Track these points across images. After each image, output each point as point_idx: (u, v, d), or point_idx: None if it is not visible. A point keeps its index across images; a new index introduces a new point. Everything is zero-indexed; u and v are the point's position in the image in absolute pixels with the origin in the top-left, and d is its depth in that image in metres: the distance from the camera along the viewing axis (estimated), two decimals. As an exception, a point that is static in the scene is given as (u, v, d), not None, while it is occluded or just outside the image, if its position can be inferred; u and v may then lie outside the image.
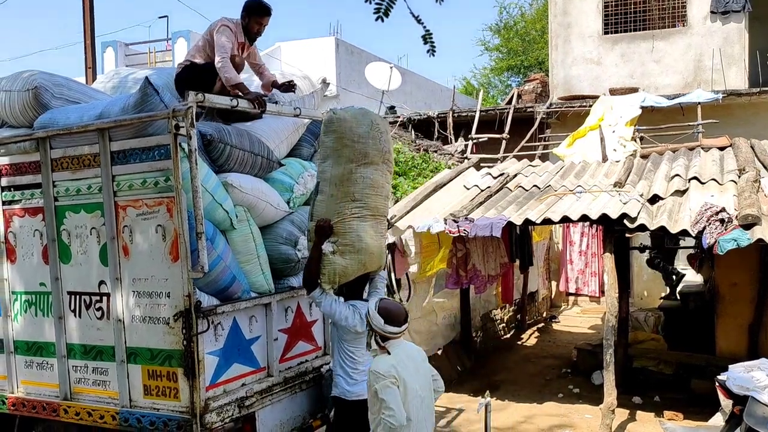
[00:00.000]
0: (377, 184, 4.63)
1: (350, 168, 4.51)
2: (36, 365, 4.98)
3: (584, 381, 8.65)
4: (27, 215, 4.95)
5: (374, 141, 4.57)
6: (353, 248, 4.54)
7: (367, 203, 4.60)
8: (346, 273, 4.59)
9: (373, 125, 4.61)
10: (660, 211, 6.76)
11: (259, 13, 5.20)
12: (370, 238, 4.61)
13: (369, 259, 4.65)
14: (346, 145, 4.52)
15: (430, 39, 2.91)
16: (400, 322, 4.07)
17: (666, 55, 13.70)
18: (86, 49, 11.11)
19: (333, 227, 4.52)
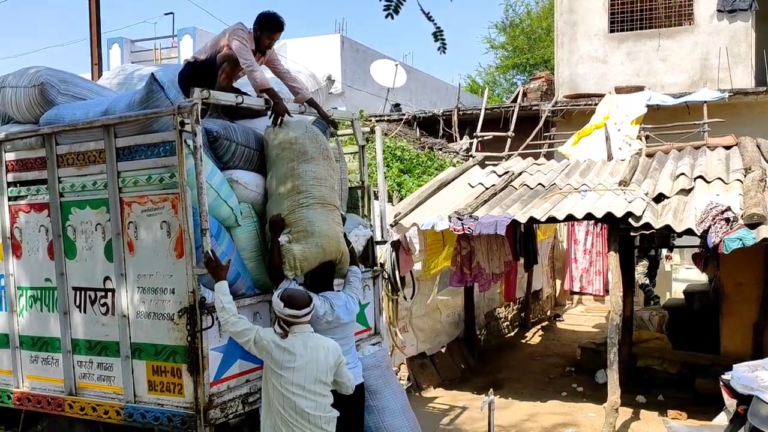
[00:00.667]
0: (320, 176, 4.93)
1: (292, 166, 4.80)
2: (41, 360, 4.99)
3: (588, 380, 8.64)
4: (33, 211, 4.96)
5: (311, 140, 4.94)
6: (306, 233, 4.72)
7: (312, 193, 4.83)
8: (306, 257, 4.71)
9: (308, 128, 5.03)
10: (665, 209, 6.75)
11: (271, 28, 5.19)
12: (321, 223, 4.82)
13: (325, 242, 4.81)
14: (285, 148, 4.85)
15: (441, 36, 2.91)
16: (299, 305, 4.17)
17: (672, 54, 13.66)
18: (92, 46, 11.14)
19: (285, 220, 4.72)
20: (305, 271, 4.77)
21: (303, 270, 4.74)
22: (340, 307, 4.79)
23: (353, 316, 5.00)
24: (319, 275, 4.88)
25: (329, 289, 4.91)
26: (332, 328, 4.73)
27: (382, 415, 5.24)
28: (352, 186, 6.00)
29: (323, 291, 4.83)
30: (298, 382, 4.09)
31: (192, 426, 4.28)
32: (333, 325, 4.73)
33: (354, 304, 4.99)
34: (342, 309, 4.80)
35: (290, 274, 4.67)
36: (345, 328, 4.86)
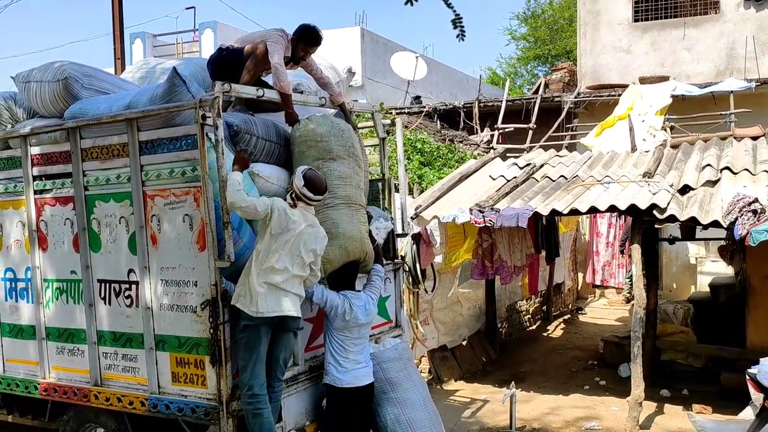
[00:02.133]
0: (345, 175, 4.92)
1: (317, 165, 4.79)
2: (67, 351, 5.08)
3: (611, 373, 8.57)
4: (58, 204, 5.03)
5: (336, 138, 4.93)
6: (331, 234, 4.71)
7: (337, 193, 4.84)
8: (328, 259, 4.73)
9: (334, 125, 5.01)
10: (690, 201, 6.64)
11: (309, 42, 5.22)
12: (345, 224, 4.82)
13: (349, 243, 4.82)
14: (311, 146, 4.85)
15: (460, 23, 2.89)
16: (316, 191, 4.40)
17: (698, 43, 13.41)
18: (115, 41, 11.24)
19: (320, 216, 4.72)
20: (327, 272, 4.79)
21: (325, 271, 4.75)
22: (359, 307, 4.84)
23: (371, 317, 5.03)
24: (341, 274, 4.92)
25: (351, 288, 4.94)
26: (349, 327, 4.80)
27: (403, 408, 5.25)
28: (373, 179, 6.00)
29: (344, 290, 4.88)
30: (285, 247, 4.28)
31: (215, 417, 4.33)
32: (350, 325, 4.80)
33: (373, 305, 5.02)
34: (361, 310, 4.85)
35: None
36: (361, 328, 4.91)
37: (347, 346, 4.83)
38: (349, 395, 4.81)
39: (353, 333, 4.85)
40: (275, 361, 4.45)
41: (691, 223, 6.56)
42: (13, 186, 5.27)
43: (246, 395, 4.27)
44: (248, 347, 4.29)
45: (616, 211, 7.06)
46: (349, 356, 4.83)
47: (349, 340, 4.84)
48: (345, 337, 4.82)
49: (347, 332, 4.82)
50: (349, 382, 4.80)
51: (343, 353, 4.82)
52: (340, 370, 4.80)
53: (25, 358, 5.32)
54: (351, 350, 4.84)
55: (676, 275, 12.60)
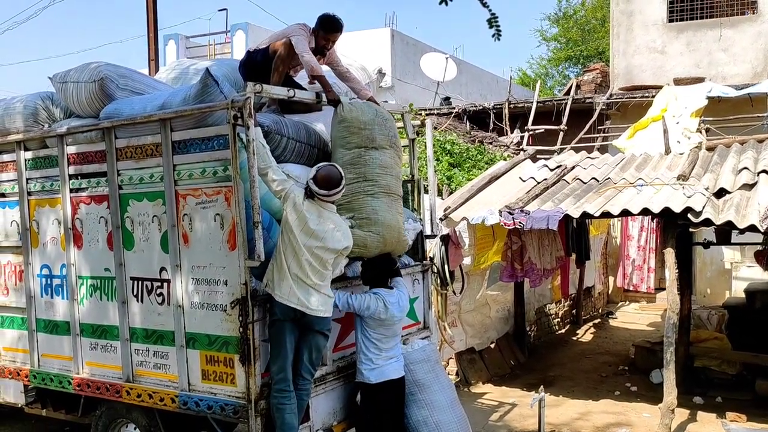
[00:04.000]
0: (386, 165, 4.93)
1: (359, 152, 4.79)
2: (100, 348, 5.16)
3: (642, 379, 8.43)
4: (93, 203, 5.12)
5: (380, 127, 4.94)
6: (370, 221, 4.74)
7: (378, 182, 4.85)
8: (366, 245, 4.73)
9: (378, 113, 5.02)
10: (726, 205, 6.50)
11: (328, 29, 5.25)
12: (385, 212, 4.83)
13: (388, 232, 4.83)
14: (354, 132, 4.83)
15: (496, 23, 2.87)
16: (329, 187, 4.35)
17: (734, 44, 13.13)
18: (149, 42, 11.44)
19: (347, 205, 4.72)
20: (363, 256, 4.77)
21: (361, 255, 4.75)
22: (393, 304, 4.88)
23: (404, 313, 5.08)
24: (377, 270, 4.96)
25: (384, 286, 4.95)
26: (385, 324, 4.83)
27: (430, 410, 5.24)
28: (403, 179, 5.98)
29: (379, 287, 4.90)
30: (298, 249, 4.31)
31: (243, 415, 4.36)
32: (386, 323, 4.84)
33: (406, 300, 5.07)
34: (395, 306, 4.90)
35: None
36: (395, 325, 4.96)
37: (381, 344, 4.87)
38: (382, 390, 4.86)
39: (388, 331, 4.89)
40: (300, 359, 4.49)
41: (727, 227, 6.41)
42: (49, 184, 5.38)
43: (273, 389, 4.37)
44: (276, 342, 4.37)
45: (649, 215, 6.94)
46: (382, 353, 4.88)
47: (385, 337, 4.88)
48: (380, 335, 4.86)
49: (382, 330, 4.86)
50: (381, 377, 4.87)
51: (377, 351, 4.86)
52: (372, 366, 4.86)
53: (59, 354, 5.42)
54: (384, 347, 4.89)
55: (710, 280, 12.34)
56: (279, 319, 4.36)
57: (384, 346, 4.88)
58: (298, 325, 4.41)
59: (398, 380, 4.98)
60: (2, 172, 5.74)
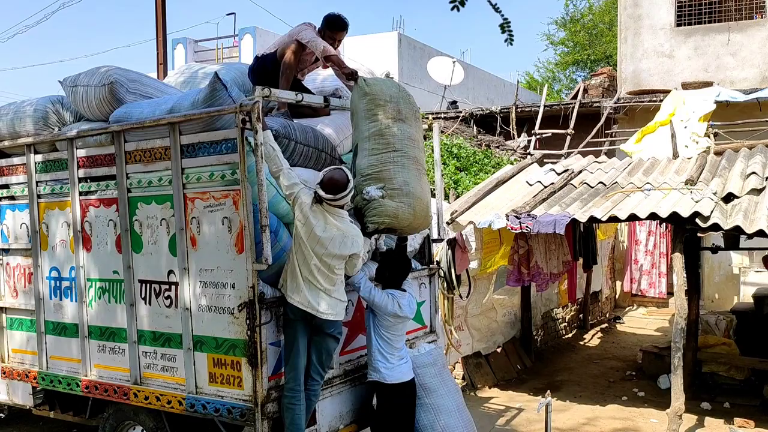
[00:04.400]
0: (414, 138, 4.93)
1: (387, 123, 4.77)
2: (108, 350, 5.18)
3: (650, 384, 8.40)
4: (102, 206, 5.14)
5: (404, 101, 4.95)
6: (401, 192, 4.69)
7: (408, 153, 4.83)
8: (396, 215, 4.68)
9: (400, 88, 5.05)
10: (735, 210, 6.48)
11: (334, 28, 5.32)
12: (416, 185, 4.80)
13: (418, 205, 4.78)
14: (380, 104, 4.81)
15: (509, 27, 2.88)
16: (334, 191, 4.32)
17: (742, 48, 13.10)
18: (158, 46, 11.50)
19: (378, 174, 4.68)
20: (390, 226, 4.70)
21: (386, 225, 4.68)
22: (405, 305, 4.97)
23: (413, 315, 5.16)
24: (395, 271, 5.01)
25: (398, 287, 5.02)
26: (397, 323, 4.93)
27: (437, 414, 5.24)
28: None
29: (391, 288, 4.97)
30: (308, 254, 4.35)
31: (250, 419, 4.37)
32: (398, 321, 4.93)
33: (414, 303, 5.15)
34: (407, 308, 5.00)
35: (372, 228, 4.67)
36: (405, 324, 5.06)
37: (394, 343, 4.94)
38: (397, 391, 4.94)
39: (399, 330, 4.98)
40: (310, 360, 4.52)
41: (735, 232, 6.38)
42: (59, 187, 5.41)
43: (285, 388, 4.41)
44: (288, 342, 4.42)
45: (657, 219, 6.92)
46: (395, 353, 4.95)
47: (396, 336, 4.96)
48: (392, 334, 4.93)
49: (393, 330, 4.94)
50: (397, 377, 4.93)
51: (390, 350, 4.93)
52: (388, 366, 4.91)
53: (67, 356, 5.45)
54: (396, 346, 4.96)
55: (718, 285, 12.29)
56: (291, 318, 4.41)
57: (395, 345, 4.96)
58: (309, 327, 4.45)
59: (410, 382, 5.05)
60: (12, 175, 5.78)
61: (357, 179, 4.69)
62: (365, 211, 4.68)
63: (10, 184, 5.83)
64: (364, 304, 5.09)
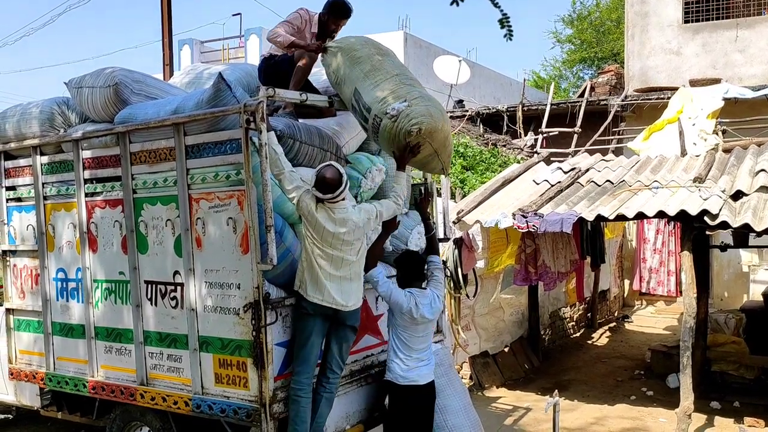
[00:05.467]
0: (403, 65, 4.97)
1: (376, 59, 4.82)
2: (115, 351, 5.19)
3: (658, 384, 8.36)
4: (108, 207, 5.15)
5: (374, 43, 5.00)
6: (423, 98, 4.67)
7: (407, 75, 4.87)
8: (430, 113, 4.57)
9: (366, 37, 5.06)
10: (744, 207, 6.42)
11: (337, 15, 5.32)
12: (428, 94, 4.80)
13: (441, 108, 4.80)
14: (357, 49, 4.90)
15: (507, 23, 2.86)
16: (326, 190, 4.29)
17: (751, 45, 13.00)
18: (164, 48, 11.52)
19: (393, 93, 4.65)
20: (425, 132, 4.56)
21: (425, 126, 4.54)
22: (425, 306, 4.84)
23: (437, 315, 5.01)
24: (411, 269, 4.94)
25: (417, 285, 4.92)
26: (416, 324, 4.81)
27: (444, 414, 5.22)
28: (415, 183, 5.97)
29: (411, 286, 4.87)
30: (319, 248, 4.36)
31: (257, 419, 4.36)
32: (418, 322, 4.81)
33: (439, 301, 5.00)
34: (427, 308, 4.85)
35: (415, 128, 4.50)
36: (427, 326, 4.92)
37: (411, 344, 4.83)
38: (411, 393, 4.82)
39: (418, 331, 4.85)
40: (331, 353, 4.54)
41: (744, 230, 6.34)
42: (65, 189, 5.42)
43: (292, 380, 4.40)
44: (302, 336, 4.40)
45: (665, 217, 6.88)
46: (412, 354, 4.83)
47: (414, 337, 4.83)
48: (409, 334, 4.82)
49: (412, 330, 4.83)
50: (411, 379, 4.82)
51: (407, 351, 4.82)
52: (403, 368, 4.82)
53: (74, 357, 5.45)
54: (415, 348, 4.84)
55: (727, 283, 12.21)
56: (310, 314, 4.39)
57: (414, 346, 4.83)
58: (330, 321, 4.47)
59: (427, 386, 4.91)
60: (19, 177, 5.80)
61: (375, 108, 4.66)
62: (398, 124, 4.57)
63: (16, 186, 5.85)
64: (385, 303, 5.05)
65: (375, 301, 5.30)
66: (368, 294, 5.21)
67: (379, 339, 5.37)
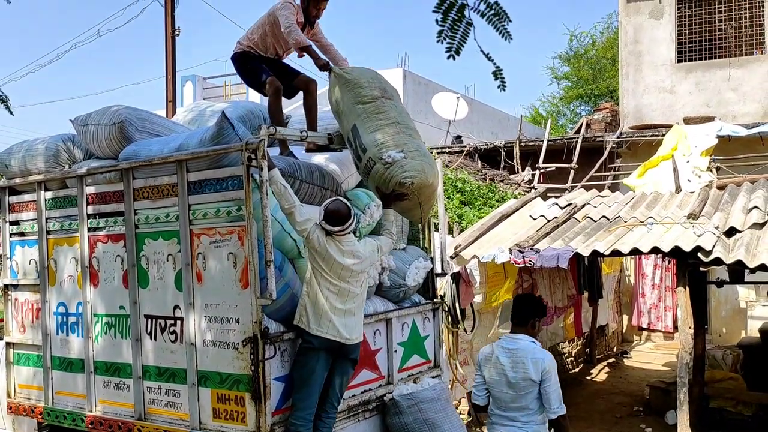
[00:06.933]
0: (405, 111, 5.12)
1: (380, 101, 4.96)
2: (113, 385, 5.20)
3: (657, 420, 8.33)
4: (110, 241, 5.22)
5: (383, 81, 5.16)
6: (419, 152, 4.84)
7: (408, 125, 5.01)
8: (423, 170, 4.77)
9: (375, 71, 5.22)
10: (737, 244, 6.51)
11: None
12: (426, 150, 4.95)
13: (434, 164, 4.96)
14: (365, 86, 5.01)
15: (501, 75, 2.98)
16: (335, 223, 4.45)
17: (744, 83, 13.25)
18: (167, 84, 11.75)
19: (392, 140, 4.78)
20: (415, 187, 4.75)
21: (416, 181, 4.72)
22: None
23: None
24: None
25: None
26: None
27: (441, 449, 5.20)
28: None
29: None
30: (327, 280, 4.47)
31: (254, 454, 4.36)
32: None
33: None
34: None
35: (408, 180, 4.68)
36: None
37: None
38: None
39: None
40: (332, 387, 4.58)
41: (738, 266, 6.41)
42: (68, 223, 5.50)
43: (294, 415, 4.42)
44: (305, 370, 4.44)
45: (660, 253, 6.95)
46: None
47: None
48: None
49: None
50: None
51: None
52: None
53: (73, 391, 5.47)
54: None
55: (725, 319, 12.22)
56: (315, 348, 4.45)
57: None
58: (333, 355, 4.52)
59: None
60: (23, 212, 5.89)
61: (372, 151, 4.80)
62: (390, 172, 4.73)
63: (20, 221, 5.93)
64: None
65: (372, 336, 5.34)
66: (366, 329, 5.27)
67: (376, 374, 5.39)
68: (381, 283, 5.38)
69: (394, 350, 5.44)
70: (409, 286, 5.53)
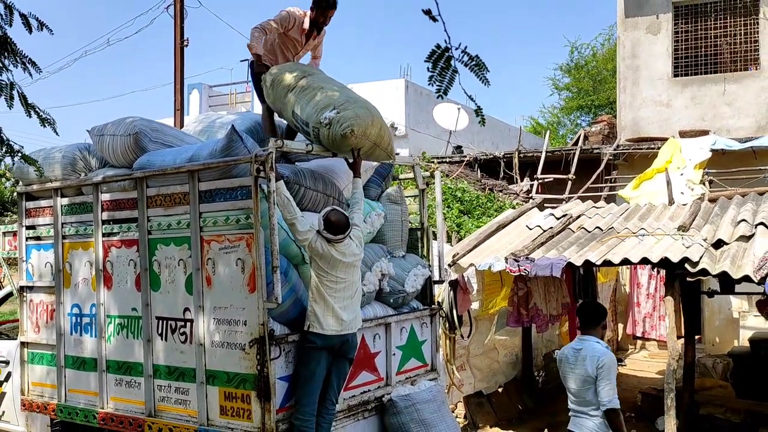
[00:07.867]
0: (328, 77, 5.48)
1: (303, 80, 5.29)
2: (125, 383, 5.45)
3: (648, 426, 8.52)
4: (123, 246, 5.48)
5: (301, 68, 5.57)
6: (350, 101, 5.10)
7: (333, 84, 5.36)
8: (357, 115, 5.02)
9: (294, 63, 5.73)
10: (723, 256, 6.74)
11: (324, 6, 5.81)
12: (356, 96, 5.24)
13: (369, 106, 5.19)
14: (286, 75, 5.36)
15: (481, 113, 3.58)
16: (335, 231, 4.74)
17: (738, 98, 13.52)
18: (175, 93, 12.03)
19: (322, 102, 5.08)
20: (357, 133, 5.01)
21: (354, 129, 4.99)
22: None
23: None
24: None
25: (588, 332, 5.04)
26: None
27: (437, 449, 5.42)
28: (413, 227, 6.31)
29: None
30: (332, 278, 4.77)
31: (259, 450, 4.60)
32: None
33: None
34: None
35: (345, 134, 4.95)
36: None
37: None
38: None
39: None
40: (331, 385, 4.86)
41: (723, 277, 6.64)
42: (83, 229, 5.77)
43: (300, 411, 4.69)
44: (309, 369, 4.72)
45: (649, 264, 7.19)
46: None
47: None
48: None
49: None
50: None
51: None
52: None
53: (85, 389, 5.72)
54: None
55: (719, 329, 12.42)
56: (317, 348, 4.74)
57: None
58: (333, 354, 4.82)
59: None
60: (39, 217, 6.15)
61: (312, 120, 5.10)
62: (332, 131, 5.01)
63: (36, 225, 6.20)
64: None
65: (372, 339, 5.58)
66: (366, 332, 5.52)
67: (375, 376, 5.63)
68: (381, 289, 5.62)
69: (393, 353, 5.69)
70: (408, 292, 5.76)
